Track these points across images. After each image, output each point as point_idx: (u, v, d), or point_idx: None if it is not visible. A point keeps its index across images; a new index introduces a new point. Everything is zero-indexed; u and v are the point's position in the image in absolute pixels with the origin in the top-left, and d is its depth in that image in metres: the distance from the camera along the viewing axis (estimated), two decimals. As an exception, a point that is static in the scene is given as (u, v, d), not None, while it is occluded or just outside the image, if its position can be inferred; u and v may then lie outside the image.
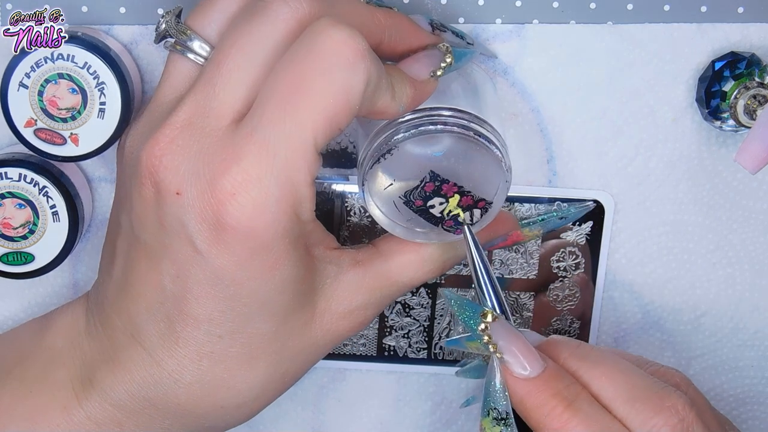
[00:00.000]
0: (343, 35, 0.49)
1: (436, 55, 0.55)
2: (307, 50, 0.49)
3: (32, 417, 0.55)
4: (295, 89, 0.49)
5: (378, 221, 0.56)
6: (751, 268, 0.66)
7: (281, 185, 0.50)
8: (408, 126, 0.53)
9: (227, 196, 0.50)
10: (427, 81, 0.54)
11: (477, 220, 0.55)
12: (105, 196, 0.64)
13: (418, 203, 0.54)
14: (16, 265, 0.61)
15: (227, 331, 0.53)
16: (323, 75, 0.49)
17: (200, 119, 0.51)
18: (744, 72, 0.60)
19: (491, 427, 0.54)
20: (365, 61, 0.49)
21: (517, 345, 0.54)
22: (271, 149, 0.49)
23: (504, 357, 0.53)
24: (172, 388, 0.54)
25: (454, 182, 0.54)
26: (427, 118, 0.54)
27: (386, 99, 0.52)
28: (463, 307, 0.55)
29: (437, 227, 0.56)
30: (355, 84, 0.49)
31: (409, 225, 0.55)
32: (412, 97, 0.53)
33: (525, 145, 0.63)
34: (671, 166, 0.63)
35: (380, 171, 0.54)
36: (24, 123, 0.57)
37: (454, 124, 0.53)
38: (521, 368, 0.53)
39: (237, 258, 0.51)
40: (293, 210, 0.51)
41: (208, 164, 0.50)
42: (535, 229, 0.63)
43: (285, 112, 0.49)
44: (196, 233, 0.51)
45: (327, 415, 0.69)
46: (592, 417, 0.52)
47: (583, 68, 0.62)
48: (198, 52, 0.54)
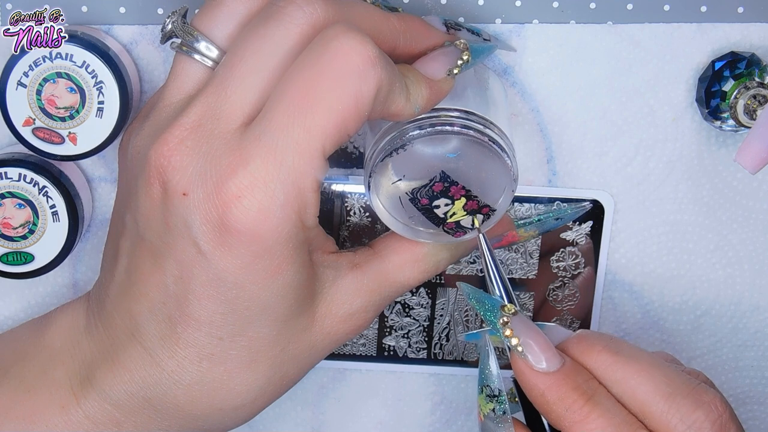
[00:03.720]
0: (353, 42, 0.49)
1: (453, 52, 0.55)
2: (318, 57, 0.49)
3: (30, 416, 0.55)
4: (305, 95, 0.49)
5: (378, 215, 0.56)
6: (751, 268, 0.66)
7: (287, 190, 0.50)
8: (424, 124, 0.53)
9: (233, 199, 0.50)
10: (443, 80, 0.54)
11: (477, 225, 0.55)
12: (105, 196, 0.64)
13: (424, 202, 0.54)
14: (16, 265, 0.61)
15: (228, 333, 0.53)
16: (333, 82, 0.49)
17: (210, 121, 0.51)
18: (744, 72, 0.60)
19: (485, 403, 0.55)
20: (375, 69, 0.49)
21: (535, 340, 0.54)
22: (279, 154, 0.49)
23: (523, 351, 0.54)
24: (172, 389, 0.54)
25: (463, 185, 0.54)
26: (444, 118, 0.54)
27: (400, 102, 0.52)
28: (482, 300, 0.55)
29: (438, 228, 0.56)
30: (365, 91, 0.49)
31: (409, 222, 0.55)
32: (427, 98, 0.53)
33: (525, 145, 0.63)
34: (671, 166, 0.63)
35: (391, 165, 0.54)
36: (22, 122, 0.57)
37: (470, 127, 0.53)
38: (539, 363, 0.53)
39: (240, 261, 0.51)
40: (298, 215, 0.51)
41: (216, 166, 0.50)
42: (531, 229, 0.63)
43: (294, 118, 0.49)
44: (200, 234, 0.51)
45: (327, 415, 0.69)
46: (611, 411, 0.52)
47: (583, 68, 0.62)
48: (205, 53, 0.54)
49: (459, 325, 0.66)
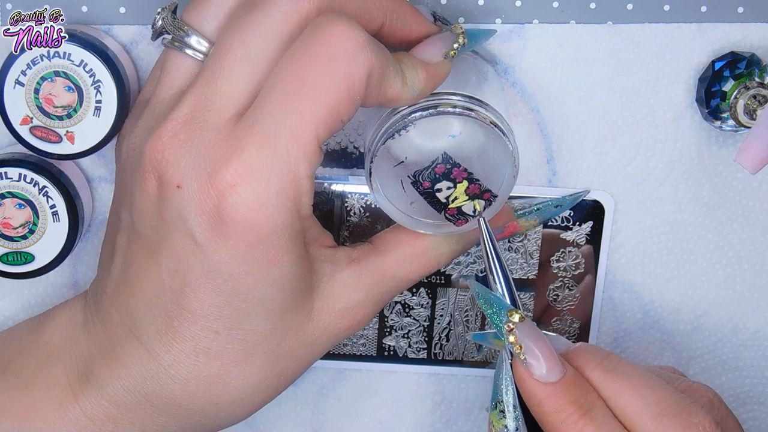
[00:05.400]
0: (342, 27, 0.50)
1: (448, 37, 0.55)
2: (308, 44, 0.50)
3: (27, 413, 0.55)
4: (296, 83, 0.50)
5: (379, 202, 0.55)
6: (751, 268, 0.66)
7: (282, 177, 0.50)
8: (426, 105, 0.53)
9: (227, 188, 0.50)
10: (440, 63, 0.54)
11: (480, 210, 0.55)
12: (105, 195, 0.64)
13: (426, 185, 0.54)
14: (16, 265, 0.61)
15: (224, 327, 0.53)
16: (323, 67, 0.49)
17: (202, 113, 0.51)
18: (744, 72, 0.60)
19: (498, 419, 0.54)
20: (365, 52, 0.50)
21: (540, 348, 0.53)
22: (272, 141, 0.50)
23: (526, 359, 0.53)
24: (168, 384, 0.54)
25: (465, 167, 0.54)
26: (446, 101, 0.54)
27: (397, 86, 0.52)
28: (490, 302, 0.55)
29: (439, 215, 0.55)
30: (356, 75, 0.50)
31: (409, 211, 0.55)
32: (425, 82, 0.53)
33: (525, 145, 0.63)
34: (671, 166, 0.63)
35: (393, 148, 0.54)
36: (20, 120, 0.57)
37: (471, 109, 0.53)
38: (542, 371, 0.53)
39: (235, 252, 0.51)
40: (293, 204, 0.51)
41: (209, 157, 0.50)
42: (532, 218, 0.63)
43: (286, 105, 0.50)
44: (195, 226, 0.51)
45: (327, 415, 0.69)
46: (606, 426, 0.52)
47: (583, 68, 0.62)
48: (196, 48, 0.54)
49: (459, 325, 0.66)
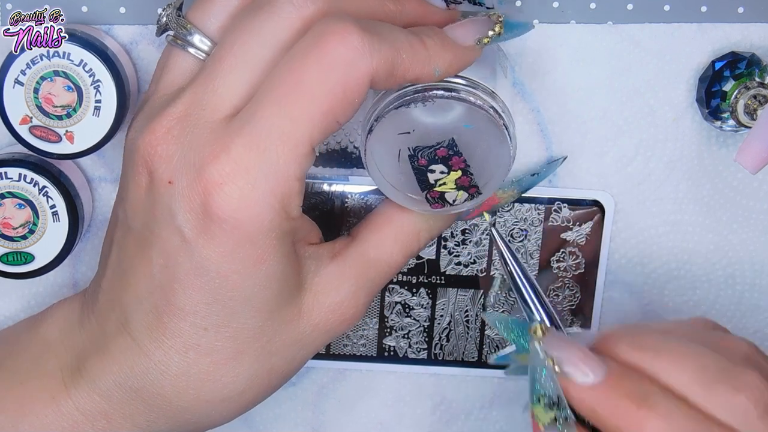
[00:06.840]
0: (341, 32, 0.49)
1: (483, 22, 0.54)
2: (306, 49, 0.50)
3: (20, 407, 0.55)
4: (291, 87, 0.50)
5: (365, 163, 0.55)
6: (751, 268, 0.66)
7: (269, 179, 0.50)
8: (449, 87, 0.53)
9: (214, 186, 0.50)
10: (470, 47, 0.53)
11: (459, 202, 0.55)
12: (105, 196, 0.64)
13: (422, 162, 0.54)
14: (16, 265, 0.61)
15: (213, 324, 0.53)
16: (319, 73, 0.49)
17: (196, 111, 0.52)
18: (744, 72, 0.60)
19: (545, 413, 0.51)
20: (364, 58, 0.50)
21: (574, 353, 0.51)
22: (262, 142, 0.50)
23: (563, 369, 0.51)
24: (159, 379, 0.54)
25: (465, 159, 0.54)
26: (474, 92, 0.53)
27: (416, 69, 0.51)
28: (509, 327, 0.53)
29: (421, 194, 0.55)
30: (355, 80, 0.50)
31: (394, 180, 0.55)
32: (449, 63, 0.52)
33: (525, 145, 0.63)
34: (671, 166, 0.63)
35: (404, 116, 0.53)
36: (19, 120, 0.57)
37: (491, 107, 0.53)
38: (583, 376, 0.50)
39: (222, 249, 0.51)
40: (281, 204, 0.51)
41: (199, 154, 0.51)
42: (509, 189, 0.62)
43: (278, 108, 0.50)
44: (184, 222, 0.51)
45: (327, 415, 0.69)
46: (669, 410, 0.49)
47: (583, 68, 0.62)
48: (198, 47, 0.54)
49: (459, 325, 0.66)
